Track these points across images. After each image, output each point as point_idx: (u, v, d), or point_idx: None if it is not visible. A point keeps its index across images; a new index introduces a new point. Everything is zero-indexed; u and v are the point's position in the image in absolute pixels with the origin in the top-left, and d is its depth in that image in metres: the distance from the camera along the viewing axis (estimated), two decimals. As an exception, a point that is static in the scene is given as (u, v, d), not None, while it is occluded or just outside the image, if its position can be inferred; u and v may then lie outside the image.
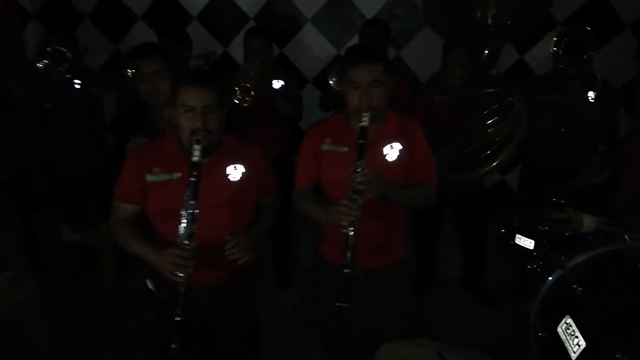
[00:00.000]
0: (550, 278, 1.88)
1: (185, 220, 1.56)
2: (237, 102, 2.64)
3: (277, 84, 2.87)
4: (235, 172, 1.74)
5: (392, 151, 1.81)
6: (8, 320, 2.04)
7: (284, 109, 2.92)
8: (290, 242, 3.30)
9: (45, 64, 2.57)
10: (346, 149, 1.81)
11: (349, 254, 1.64)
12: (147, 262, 1.68)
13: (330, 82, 2.81)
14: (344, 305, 1.66)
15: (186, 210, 1.56)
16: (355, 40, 3.59)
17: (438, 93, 2.77)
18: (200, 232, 1.60)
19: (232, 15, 3.80)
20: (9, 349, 2.41)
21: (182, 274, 1.55)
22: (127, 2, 3.84)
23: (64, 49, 2.60)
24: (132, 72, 2.48)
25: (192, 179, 1.57)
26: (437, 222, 2.98)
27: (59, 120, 2.86)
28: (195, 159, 1.58)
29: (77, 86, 2.67)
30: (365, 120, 1.71)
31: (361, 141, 1.68)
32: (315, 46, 3.83)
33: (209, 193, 1.63)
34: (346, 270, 1.64)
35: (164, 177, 1.69)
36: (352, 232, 1.63)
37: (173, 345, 1.57)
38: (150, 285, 1.83)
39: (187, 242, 1.56)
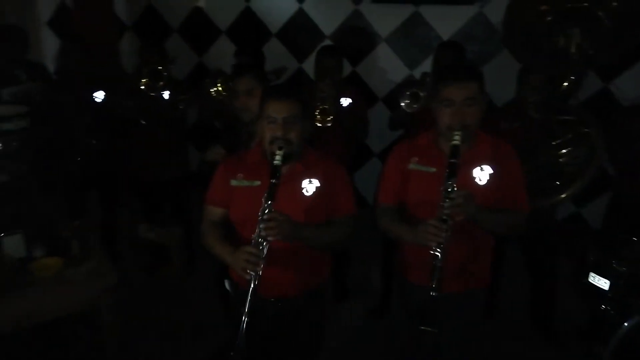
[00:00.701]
0: (626, 323, 1.77)
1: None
2: (319, 124, 2.75)
3: (345, 101, 2.92)
4: (309, 186, 1.77)
5: (482, 174, 1.75)
6: (88, 307, 2.22)
7: (351, 127, 2.97)
8: (350, 257, 3.33)
9: (145, 83, 2.79)
10: (434, 170, 1.77)
11: (435, 277, 1.60)
12: (225, 261, 1.75)
13: (402, 103, 2.82)
14: (428, 329, 1.61)
15: (262, 210, 1.60)
16: (429, 61, 3.59)
17: (508, 119, 2.70)
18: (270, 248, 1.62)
19: (309, 33, 3.93)
20: (85, 335, 2.63)
21: (252, 272, 1.58)
22: (212, 17, 4.09)
23: (159, 67, 2.81)
24: (215, 90, 2.66)
25: (272, 180, 1.62)
26: (501, 251, 2.86)
27: (146, 129, 3.09)
28: (276, 162, 1.64)
29: (165, 97, 2.86)
30: (457, 139, 1.67)
31: (453, 160, 1.64)
32: (388, 66, 3.86)
33: (282, 204, 1.66)
34: (433, 294, 1.61)
35: (245, 183, 1.78)
36: (440, 254, 1.60)
37: (238, 344, 1.60)
38: (227, 285, 1.91)
39: (260, 241, 1.59)
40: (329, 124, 2.78)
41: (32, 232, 2.25)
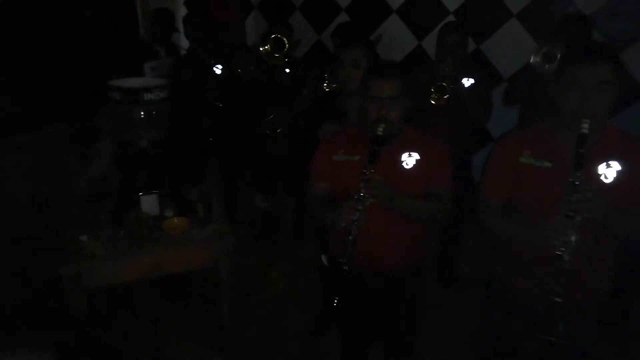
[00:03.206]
0: None
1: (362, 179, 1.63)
2: (433, 102, 2.69)
3: (466, 82, 2.78)
4: (409, 159, 1.78)
5: (609, 171, 1.53)
6: (208, 265, 2.41)
7: (471, 109, 2.82)
8: (459, 243, 3.21)
9: (266, 50, 2.91)
10: (549, 165, 1.57)
11: (561, 280, 1.44)
12: (328, 218, 1.77)
13: (532, 60, 2.52)
14: (551, 339, 1.47)
15: (363, 173, 1.63)
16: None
17: None
18: (369, 217, 1.65)
19: (432, 8, 3.77)
20: (208, 291, 2.87)
21: (353, 218, 1.61)
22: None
23: (283, 38, 2.91)
24: (327, 85, 2.70)
25: (374, 147, 1.65)
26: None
27: (265, 105, 3.24)
28: (378, 132, 1.67)
29: (287, 71, 2.97)
30: (585, 127, 1.44)
31: (581, 150, 1.43)
32: (516, 43, 3.57)
33: (382, 175, 1.66)
34: (557, 300, 1.44)
35: (345, 157, 1.82)
36: (565, 255, 1.42)
37: (336, 299, 1.66)
38: (324, 260, 1.96)
39: (362, 194, 1.62)
40: (443, 103, 2.69)
41: (164, 194, 2.49)
